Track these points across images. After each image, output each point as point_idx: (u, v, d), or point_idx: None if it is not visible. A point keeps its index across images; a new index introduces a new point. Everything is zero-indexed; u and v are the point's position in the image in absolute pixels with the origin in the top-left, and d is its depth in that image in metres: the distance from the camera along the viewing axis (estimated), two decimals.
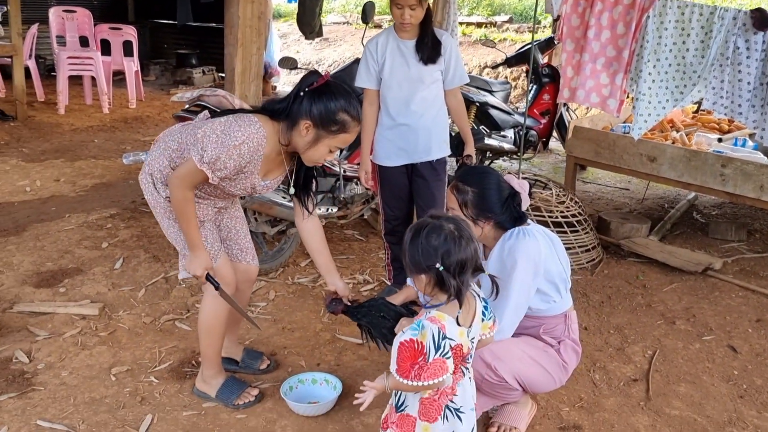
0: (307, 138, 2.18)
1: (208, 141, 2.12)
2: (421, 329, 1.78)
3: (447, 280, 1.80)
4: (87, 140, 6.35)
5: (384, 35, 3.04)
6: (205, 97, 3.38)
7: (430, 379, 1.76)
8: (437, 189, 3.16)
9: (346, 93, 2.20)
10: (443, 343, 1.77)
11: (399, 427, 1.92)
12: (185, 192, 2.20)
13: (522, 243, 2.23)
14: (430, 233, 1.83)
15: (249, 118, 2.18)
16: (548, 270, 2.28)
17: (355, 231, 4.36)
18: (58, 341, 2.92)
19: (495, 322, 2.00)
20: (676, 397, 2.72)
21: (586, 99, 3.98)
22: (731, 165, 3.93)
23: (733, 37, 3.64)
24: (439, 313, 1.82)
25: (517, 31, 9.86)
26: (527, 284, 2.23)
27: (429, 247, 1.81)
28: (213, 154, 2.12)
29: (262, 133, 2.16)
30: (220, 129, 2.14)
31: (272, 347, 2.94)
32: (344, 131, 2.19)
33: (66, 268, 3.61)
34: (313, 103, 2.15)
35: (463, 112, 3.25)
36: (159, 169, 2.32)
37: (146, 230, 4.15)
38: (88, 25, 7.89)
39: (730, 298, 3.61)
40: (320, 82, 2.17)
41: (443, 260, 1.80)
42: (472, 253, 1.84)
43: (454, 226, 1.85)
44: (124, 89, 8.13)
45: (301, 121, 2.16)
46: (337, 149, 2.25)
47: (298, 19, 5.63)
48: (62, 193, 4.86)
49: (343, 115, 2.16)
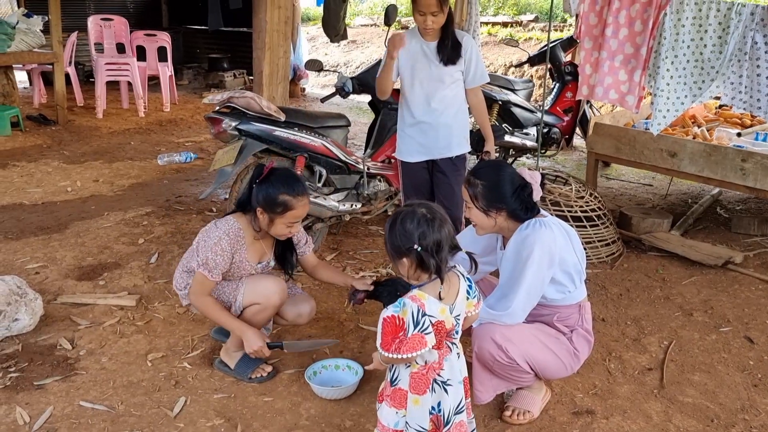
0: (264, 221, 2.55)
1: (200, 248, 2.55)
2: (402, 306, 1.92)
3: (426, 259, 1.93)
4: (124, 143, 6.61)
5: (409, 35, 3.17)
6: (234, 99, 3.56)
7: (408, 352, 1.89)
8: (457, 184, 3.27)
9: (285, 177, 2.54)
10: (423, 320, 1.90)
11: (393, 400, 2.04)
12: (203, 299, 2.60)
13: (538, 233, 2.33)
14: (405, 219, 1.98)
15: (226, 219, 2.60)
16: (563, 260, 2.37)
17: (378, 227, 4.49)
18: (99, 330, 3.11)
19: (480, 301, 2.11)
20: (689, 385, 2.78)
21: (604, 96, 4.04)
22: (751, 159, 3.96)
23: (750, 32, 3.67)
24: (420, 292, 1.94)
25: (542, 30, 9.88)
26: (541, 272, 2.33)
27: (405, 231, 1.96)
28: (203, 257, 2.53)
29: (236, 226, 2.57)
30: (205, 235, 2.58)
31: (299, 335, 3.09)
32: (288, 209, 2.51)
33: (105, 263, 3.81)
34: (259, 193, 2.51)
35: (483, 110, 3.36)
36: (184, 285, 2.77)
37: (180, 227, 4.34)
38: (125, 33, 8.18)
39: (749, 291, 3.64)
40: (265, 173, 2.53)
41: (420, 241, 1.94)
42: (447, 233, 1.97)
43: (426, 209, 1.99)
44: (158, 93, 8.41)
45: (257, 209, 2.53)
46: (295, 223, 2.57)
47: (323, 22, 5.79)
48: (101, 192, 5.09)
49: (283, 197, 2.49)
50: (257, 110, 3.56)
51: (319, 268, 2.88)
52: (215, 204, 4.83)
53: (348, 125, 4.09)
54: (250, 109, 3.57)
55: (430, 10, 2.96)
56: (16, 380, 2.70)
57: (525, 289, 2.33)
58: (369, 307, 3.29)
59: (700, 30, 3.78)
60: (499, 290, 2.41)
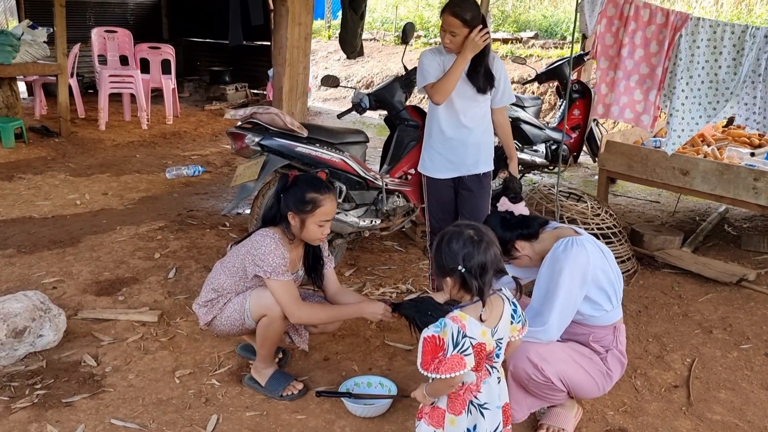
0: (297, 226, 2.59)
1: (261, 262, 2.54)
2: (443, 327, 1.92)
3: (469, 281, 1.95)
4: (129, 155, 6.59)
5: (438, 50, 3.19)
6: (257, 115, 3.57)
7: (446, 372, 1.88)
8: (482, 200, 3.30)
9: (310, 179, 2.66)
10: (463, 341, 1.90)
11: (431, 418, 2.06)
12: (303, 308, 2.60)
13: (571, 252, 2.36)
14: (452, 239, 2.00)
15: (263, 231, 2.62)
16: (597, 277, 2.40)
17: (394, 242, 4.51)
18: (122, 346, 3.09)
19: (524, 326, 2.12)
20: (716, 402, 2.81)
21: (620, 115, 4.09)
22: (764, 178, 4.02)
23: (764, 54, 3.73)
24: (461, 313, 1.95)
25: (542, 47, 9.99)
26: (574, 291, 2.36)
27: (450, 251, 1.98)
28: (269, 266, 2.53)
29: (276, 237, 2.60)
30: (255, 250, 2.56)
31: (325, 352, 3.08)
32: (317, 206, 2.57)
33: (123, 278, 3.79)
34: (288, 199, 2.59)
35: (508, 129, 3.38)
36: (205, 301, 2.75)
37: (195, 242, 4.33)
38: (128, 45, 8.18)
39: (765, 309, 3.68)
40: (290, 181, 2.61)
41: (465, 262, 1.95)
42: (492, 256, 1.98)
43: (473, 231, 2.01)
44: (160, 106, 8.40)
45: (288, 215, 2.59)
46: (326, 222, 2.62)
47: (340, 39, 5.82)
48: (111, 206, 5.07)
49: (310, 194, 2.57)
50: (281, 126, 3.57)
51: (342, 292, 2.86)
52: (228, 219, 4.82)
53: (367, 141, 4.11)
54: (273, 125, 3.58)
55: (450, 29, 3.00)
56: (43, 397, 2.67)
57: (558, 307, 2.35)
58: (394, 324, 3.29)
59: (714, 52, 3.85)
60: (533, 308, 2.44)
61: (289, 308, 2.56)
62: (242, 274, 2.64)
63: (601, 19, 4.00)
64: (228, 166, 6.41)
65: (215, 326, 2.70)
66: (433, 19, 12.09)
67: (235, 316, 2.64)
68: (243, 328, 2.68)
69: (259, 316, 2.60)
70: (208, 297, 2.70)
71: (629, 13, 3.93)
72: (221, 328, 2.69)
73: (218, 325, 2.69)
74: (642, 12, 3.92)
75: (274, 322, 2.59)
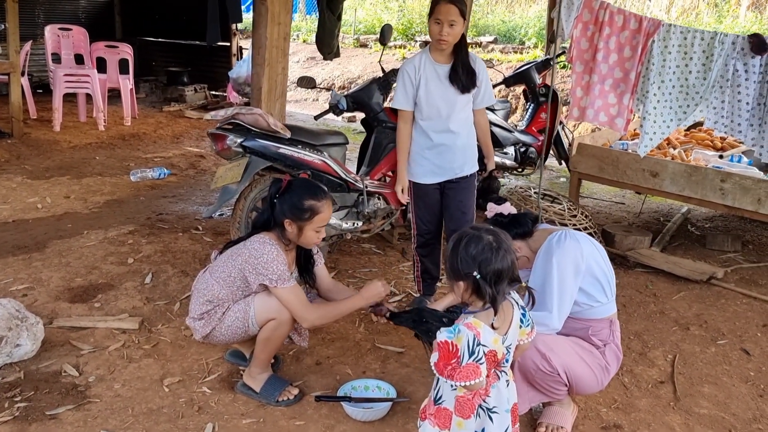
0: (293, 232, 2.55)
1: (265, 270, 2.46)
2: (457, 333, 1.91)
3: (483, 287, 1.93)
4: (88, 157, 6.35)
5: (419, 57, 3.19)
6: (240, 116, 3.49)
7: (462, 381, 1.88)
8: (468, 199, 3.31)
9: (305, 184, 2.61)
10: (477, 349, 1.89)
11: (437, 419, 2.03)
12: (314, 310, 2.56)
13: (564, 243, 2.42)
14: (470, 242, 1.98)
15: (260, 238, 2.54)
16: (591, 267, 2.44)
17: (372, 245, 4.48)
18: (104, 354, 2.97)
19: (533, 329, 2.14)
20: (702, 397, 2.90)
21: (595, 118, 4.19)
22: (730, 180, 4.18)
23: (732, 60, 3.89)
24: (476, 320, 1.94)
25: (502, 52, 10.16)
26: (569, 279, 2.40)
27: (467, 255, 1.96)
28: (274, 274, 2.46)
29: (274, 243, 2.54)
30: (255, 259, 2.48)
31: (317, 356, 3.03)
32: (316, 213, 2.54)
33: (96, 284, 3.65)
34: (283, 205, 2.53)
35: (488, 130, 3.42)
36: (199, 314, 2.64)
37: (168, 246, 4.20)
38: (84, 43, 7.90)
39: (736, 305, 3.83)
40: (284, 186, 2.56)
41: (480, 268, 1.94)
42: (509, 264, 1.97)
43: (493, 237, 1.99)
44: (115, 106, 8.14)
45: (284, 222, 2.54)
46: (322, 227, 2.60)
47: (317, 40, 5.75)
48: (75, 210, 4.87)
49: (308, 202, 2.52)
50: (264, 127, 3.50)
51: (336, 289, 2.84)
52: (200, 222, 4.70)
53: (347, 143, 4.09)
54: (256, 126, 3.51)
55: (448, 18, 2.93)
56: (25, 410, 2.54)
57: (557, 294, 2.39)
58: (384, 327, 3.28)
59: (685, 57, 3.98)
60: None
61: (301, 313, 2.51)
62: (240, 284, 2.57)
63: (577, 23, 4.09)
64: (193, 169, 6.27)
65: (214, 338, 2.62)
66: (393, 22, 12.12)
67: (238, 324, 2.57)
68: (245, 336, 2.62)
69: (266, 321, 2.54)
70: (202, 309, 2.60)
71: (604, 18, 4.04)
72: (221, 338, 2.61)
73: (218, 336, 2.60)
74: (616, 17, 4.03)
75: (282, 325, 2.54)
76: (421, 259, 3.46)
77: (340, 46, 5.92)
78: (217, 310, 2.60)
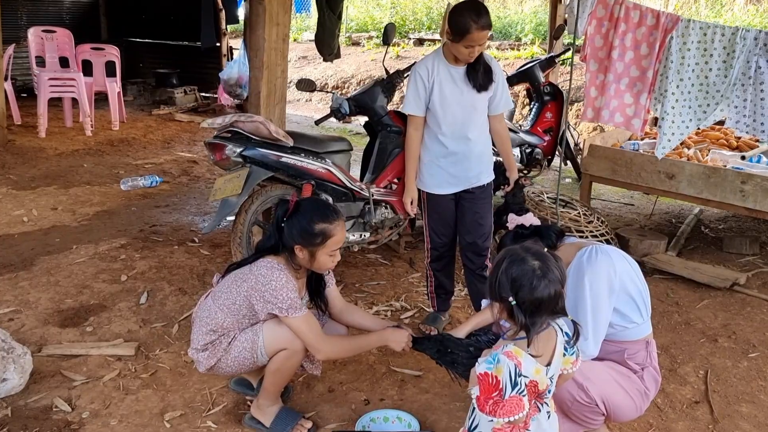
0: (305, 258, 2.33)
1: (274, 299, 2.25)
2: (497, 363, 1.75)
3: (517, 315, 1.78)
4: (76, 165, 6.09)
5: (431, 59, 2.98)
6: (239, 123, 3.28)
7: (506, 416, 1.72)
8: (484, 211, 3.11)
9: (315, 205, 2.39)
10: (519, 380, 1.74)
11: None
12: (328, 342, 2.35)
13: (595, 260, 2.23)
14: (513, 264, 1.82)
15: (267, 262, 2.31)
16: (625, 285, 2.26)
17: (378, 255, 4.28)
18: (98, 386, 2.75)
19: (578, 358, 1.97)
20: (740, 418, 2.72)
21: (610, 119, 4.00)
22: (751, 181, 4.00)
23: (754, 57, 3.71)
24: (517, 349, 1.78)
25: (498, 48, 9.96)
26: (603, 300, 2.21)
27: (507, 277, 1.81)
28: (286, 300, 2.25)
29: (283, 267, 2.32)
30: (262, 286, 2.26)
31: (329, 382, 2.83)
32: (328, 237, 2.31)
33: (88, 305, 3.42)
34: (292, 229, 2.30)
35: (508, 139, 3.20)
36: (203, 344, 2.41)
37: (163, 261, 3.97)
38: (69, 46, 7.63)
39: (763, 314, 3.65)
40: (291, 208, 2.33)
41: (517, 295, 1.78)
42: (552, 295, 1.80)
43: (539, 263, 1.82)
44: (102, 110, 7.89)
45: (294, 248, 2.32)
46: (336, 251, 2.37)
47: (316, 40, 5.51)
48: (63, 222, 4.63)
49: (319, 226, 2.30)
50: (265, 135, 3.29)
51: (348, 311, 2.65)
52: (195, 234, 4.47)
53: (350, 149, 3.88)
54: (257, 134, 3.29)
55: (480, 42, 2.78)
56: None
57: (591, 317, 2.20)
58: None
59: (705, 54, 3.80)
60: None
61: (316, 345, 2.30)
62: (247, 312, 2.35)
63: (591, 20, 3.89)
64: (186, 175, 6.03)
65: (220, 369, 2.40)
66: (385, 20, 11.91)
67: (245, 355, 2.35)
68: (253, 366, 2.40)
69: (276, 351, 2.33)
70: (206, 340, 2.38)
71: (619, 15, 3.85)
72: (227, 370, 2.40)
73: (224, 368, 2.39)
74: (632, 13, 3.84)
75: (295, 355, 2.34)
76: (435, 274, 3.26)
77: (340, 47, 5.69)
78: (222, 340, 2.38)
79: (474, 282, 3.18)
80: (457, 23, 2.74)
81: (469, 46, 2.76)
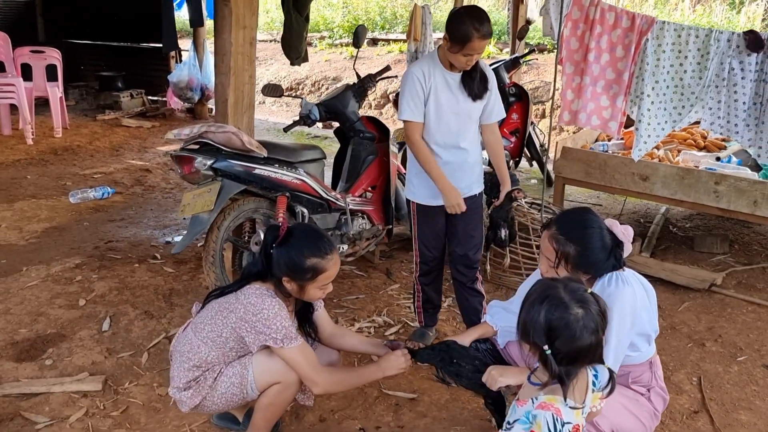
0: (293, 289, 2.17)
1: (267, 329, 2.07)
2: (533, 420, 1.64)
3: (551, 365, 1.66)
4: (18, 176, 5.68)
5: (427, 64, 2.81)
6: (209, 134, 3.07)
7: None
8: (475, 223, 2.98)
9: (307, 236, 2.19)
10: (563, 429, 1.64)
11: None
12: (327, 375, 2.17)
13: (621, 291, 2.10)
14: (552, 308, 1.68)
15: (256, 290, 2.14)
16: (641, 318, 2.16)
17: (353, 266, 4.10)
18: (65, 428, 2.49)
19: (606, 393, 1.86)
20: (741, 426, 2.69)
21: (587, 122, 3.94)
22: (725, 182, 4.02)
23: (728, 58, 3.72)
24: (550, 397, 1.67)
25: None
26: (626, 335, 2.11)
27: (542, 322, 1.67)
28: (279, 333, 2.07)
29: (273, 293, 2.16)
30: (253, 316, 2.08)
31: (319, 411, 2.64)
32: (319, 273, 2.14)
33: (45, 335, 3.13)
34: (280, 259, 2.13)
35: (501, 149, 3.05)
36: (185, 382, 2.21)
37: (124, 281, 3.70)
38: (6, 49, 7.15)
39: (743, 314, 3.66)
40: (282, 235, 2.16)
41: (552, 344, 1.66)
42: (592, 344, 1.69)
43: (583, 311, 1.69)
44: (44, 116, 7.43)
45: (282, 278, 2.15)
46: (328, 284, 2.21)
47: (283, 43, 5.28)
48: (9, 241, 4.27)
49: (310, 261, 2.12)
50: (238, 146, 3.08)
51: (339, 335, 2.49)
52: (157, 249, 4.20)
53: (324, 157, 3.70)
54: (229, 145, 3.08)
55: (480, 51, 2.65)
56: None
57: (613, 351, 2.09)
58: None
59: (679, 56, 3.78)
60: None
61: (312, 377, 2.12)
62: (234, 344, 2.15)
63: (567, 22, 3.82)
64: (140, 185, 5.70)
65: (205, 408, 2.19)
66: (337, 20, 11.71)
67: (234, 391, 2.15)
68: (243, 402, 2.21)
69: (268, 385, 2.14)
70: (189, 377, 2.17)
71: (595, 16, 3.79)
72: (214, 408, 2.19)
73: (209, 406, 2.18)
74: (608, 15, 3.79)
75: (289, 388, 2.16)
76: (424, 288, 3.11)
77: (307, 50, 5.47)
78: (207, 376, 2.17)
79: (465, 296, 3.05)
80: (458, 30, 2.59)
81: (467, 54, 2.62)
